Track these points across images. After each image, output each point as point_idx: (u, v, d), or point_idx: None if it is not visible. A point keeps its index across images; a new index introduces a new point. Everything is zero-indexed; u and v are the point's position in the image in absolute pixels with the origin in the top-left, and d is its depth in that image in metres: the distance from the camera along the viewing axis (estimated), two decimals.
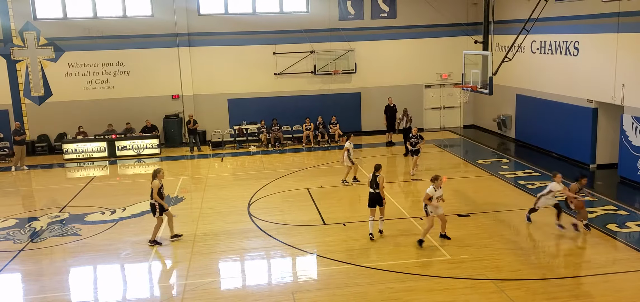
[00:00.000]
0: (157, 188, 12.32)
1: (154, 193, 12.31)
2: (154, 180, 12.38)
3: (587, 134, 18.17)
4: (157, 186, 12.34)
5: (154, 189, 12.30)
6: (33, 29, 23.02)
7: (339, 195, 16.26)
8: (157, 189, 12.33)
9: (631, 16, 15.93)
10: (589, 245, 11.89)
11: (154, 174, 12.51)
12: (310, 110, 24.22)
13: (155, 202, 12.40)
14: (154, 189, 12.31)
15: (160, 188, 12.40)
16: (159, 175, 12.51)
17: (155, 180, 12.37)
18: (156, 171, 12.59)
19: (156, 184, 12.32)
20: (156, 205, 12.43)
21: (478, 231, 12.84)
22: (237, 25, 24.00)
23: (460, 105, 26.15)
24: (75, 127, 23.13)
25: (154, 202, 12.40)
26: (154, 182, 12.34)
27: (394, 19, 24.79)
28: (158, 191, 12.35)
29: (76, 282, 11.22)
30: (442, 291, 9.97)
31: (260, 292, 10.33)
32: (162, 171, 12.77)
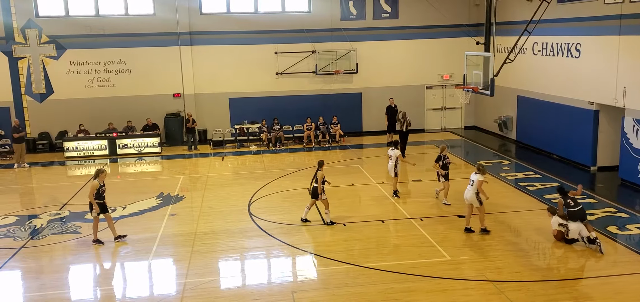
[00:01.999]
0: (95, 188, 12.37)
1: (90, 193, 12.36)
2: (94, 180, 12.46)
3: (588, 136, 18.15)
4: (96, 186, 12.40)
5: (92, 189, 12.36)
6: (35, 26, 23.04)
7: (339, 195, 16.24)
8: (95, 189, 12.38)
9: (633, 18, 15.91)
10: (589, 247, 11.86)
11: (96, 174, 12.57)
12: (312, 110, 24.22)
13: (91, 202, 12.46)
14: (91, 188, 12.37)
15: (99, 188, 12.44)
16: (102, 175, 12.59)
17: (95, 180, 12.46)
18: (98, 170, 12.65)
19: (95, 185, 12.39)
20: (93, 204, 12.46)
21: (478, 232, 12.83)
22: (239, 25, 24.01)
23: (462, 106, 26.14)
24: (76, 125, 23.15)
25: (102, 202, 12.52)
26: (93, 182, 12.42)
27: (396, 19, 24.79)
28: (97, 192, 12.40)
29: (76, 280, 11.22)
30: (442, 292, 9.97)
31: (260, 292, 10.34)
32: (105, 171, 12.85)
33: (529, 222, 13.31)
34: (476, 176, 12.41)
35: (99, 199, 12.48)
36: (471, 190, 12.44)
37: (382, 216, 14.09)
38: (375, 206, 15.06)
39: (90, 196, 12.45)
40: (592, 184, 16.87)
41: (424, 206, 15.02)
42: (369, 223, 13.65)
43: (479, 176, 12.37)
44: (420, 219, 13.75)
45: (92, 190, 12.41)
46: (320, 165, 13.44)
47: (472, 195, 12.44)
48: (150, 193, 16.72)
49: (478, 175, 12.41)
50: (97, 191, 12.43)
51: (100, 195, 12.50)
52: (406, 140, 20.93)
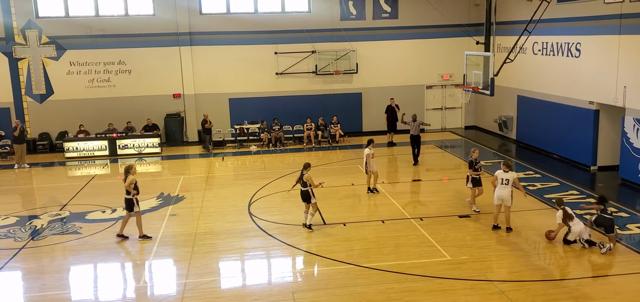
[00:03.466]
0: (132, 183, 12.59)
1: (130, 187, 12.56)
2: (129, 176, 12.66)
3: (589, 136, 18.15)
4: (133, 181, 12.62)
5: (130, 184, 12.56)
6: (35, 27, 23.04)
7: (339, 195, 16.25)
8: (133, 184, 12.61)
9: (633, 18, 15.91)
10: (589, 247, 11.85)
11: (126, 170, 12.78)
12: (312, 110, 24.22)
13: (132, 197, 12.63)
14: (129, 183, 12.58)
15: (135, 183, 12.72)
16: (132, 171, 12.81)
17: (129, 176, 12.67)
18: (128, 167, 12.88)
19: (131, 179, 12.60)
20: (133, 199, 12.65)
21: (478, 232, 12.84)
22: (239, 25, 24.01)
23: (462, 106, 26.14)
24: (77, 125, 23.15)
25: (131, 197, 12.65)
26: (129, 178, 12.62)
27: (396, 19, 24.79)
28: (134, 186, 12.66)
29: (76, 281, 11.23)
30: (442, 292, 9.97)
31: (260, 292, 10.34)
32: (134, 166, 13.11)
33: (529, 222, 13.31)
34: (510, 174, 12.45)
35: (128, 194, 12.68)
36: (508, 188, 12.43)
37: (382, 216, 14.09)
38: (375, 206, 15.06)
39: (131, 191, 12.59)
40: (592, 184, 16.87)
41: (424, 206, 15.01)
42: (369, 223, 13.66)
43: (513, 173, 12.51)
44: (421, 219, 13.76)
45: (130, 185, 12.57)
46: (305, 167, 13.13)
47: (509, 193, 12.44)
48: (151, 193, 16.72)
49: (512, 172, 12.50)
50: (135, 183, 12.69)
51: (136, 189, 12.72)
52: (416, 144, 19.55)
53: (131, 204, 12.73)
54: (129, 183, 12.59)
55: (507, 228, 12.80)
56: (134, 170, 12.94)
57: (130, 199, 12.70)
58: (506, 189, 12.49)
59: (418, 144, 19.59)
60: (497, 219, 12.88)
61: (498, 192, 12.60)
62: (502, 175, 12.54)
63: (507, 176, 12.49)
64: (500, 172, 12.61)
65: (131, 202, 12.72)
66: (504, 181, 12.51)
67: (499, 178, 12.57)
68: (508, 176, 12.48)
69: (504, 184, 12.51)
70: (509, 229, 12.78)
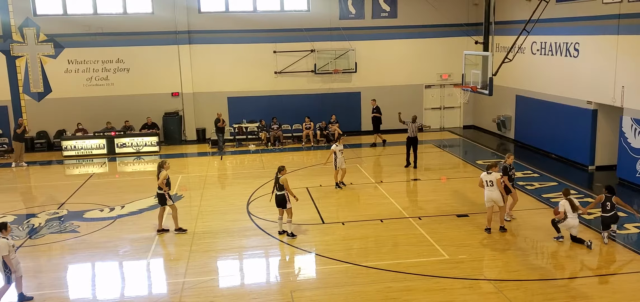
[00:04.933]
0: (165, 178, 12.81)
1: (162, 182, 12.78)
2: (162, 171, 12.86)
3: (587, 136, 18.17)
4: (165, 176, 12.82)
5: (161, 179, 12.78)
6: (33, 25, 23.00)
7: (338, 194, 16.26)
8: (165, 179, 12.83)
9: (631, 18, 15.93)
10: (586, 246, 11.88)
11: (160, 166, 13.00)
12: (310, 109, 24.22)
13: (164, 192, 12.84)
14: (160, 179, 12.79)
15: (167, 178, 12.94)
16: (165, 166, 13.00)
17: (163, 171, 12.85)
18: (162, 162, 13.09)
19: (164, 175, 12.79)
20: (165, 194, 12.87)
21: (476, 231, 12.85)
22: (238, 24, 23.99)
23: (460, 106, 26.16)
24: (75, 124, 23.10)
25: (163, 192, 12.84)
26: (162, 174, 12.81)
27: (395, 18, 24.79)
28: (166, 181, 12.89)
29: (74, 279, 11.20)
30: (441, 291, 9.98)
31: (259, 291, 10.33)
32: (168, 162, 13.27)
33: (527, 221, 13.32)
34: (493, 175, 12.39)
35: (160, 190, 12.85)
36: (495, 189, 12.37)
37: (381, 215, 14.09)
38: (373, 205, 15.06)
39: (163, 186, 12.77)
40: (590, 183, 16.90)
41: (423, 205, 15.02)
42: (367, 222, 13.65)
43: (496, 174, 12.42)
44: (419, 218, 13.76)
45: (163, 180, 12.75)
46: (280, 170, 12.57)
47: (498, 194, 12.39)
48: (149, 192, 16.69)
49: (495, 173, 12.42)
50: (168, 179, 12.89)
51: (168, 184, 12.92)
52: (413, 146, 18.82)
53: (163, 198, 12.96)
54: (162, 179, 12.79)
55: (500, 227, 12.72)
56: (167, 166, 13.12)
57: (162, 194, 12.90)
58: (494, 190, 12.41)
59: (415, 147, 18.81)
60: (490, 222, 12.79)
61: (487, 194, 12.53)
62: (486, 177, 12.48)
63: (490, 177, 12.43)
64: (484, 174, 12.56)
65: (163, 197, 12.95)
66: (488, 183, 12.44)
67: (484, 180, 12.51)
68: (491, 177, 12.41)
69: (489, 186, 12.44)
70: (502, 228, 12.70)
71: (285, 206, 12.53)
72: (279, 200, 12.57)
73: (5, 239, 9.60)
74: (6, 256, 9.53)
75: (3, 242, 9.55)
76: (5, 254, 9.52)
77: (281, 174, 12.56)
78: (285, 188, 12.48)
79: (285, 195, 12.50)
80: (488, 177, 12.46)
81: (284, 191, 12.48)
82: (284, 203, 12.51)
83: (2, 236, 9.61)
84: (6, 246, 9.55)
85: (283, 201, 12.51)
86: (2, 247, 9.52)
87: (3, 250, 9.51)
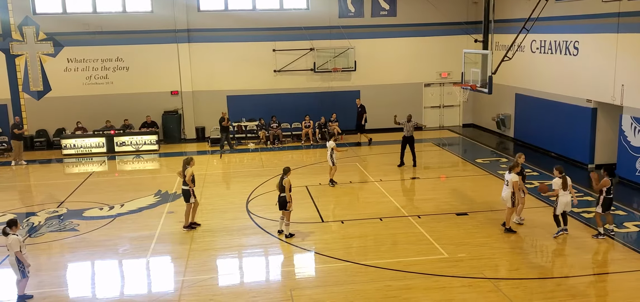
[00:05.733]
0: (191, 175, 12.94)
1: (189, 179, 12.87)
2: (188, 167, 12.96)
3: (586, 134, 18.18)
4: (191, 173, 12.96)
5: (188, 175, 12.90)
6: (32, 23, 22.98)
7: (337, 193, 16.26)
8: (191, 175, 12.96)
9: (631, 16, 15.93)
10: (586, 245, 11.90)
11: (186, 162, 13.07)
12: (310, 107, 24.21)
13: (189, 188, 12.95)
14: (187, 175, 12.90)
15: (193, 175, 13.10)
16: (191, 163, 13.08)
17: (188, 168, 12.96)
18: (188, 159, 13.17)
19: (190, 172, 12.93)
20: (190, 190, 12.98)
21: (476, 229, 12.86)
22: (237, 22, 23.98)
23: (460, 104, 26.17)
24: (74, 122, 23.08)
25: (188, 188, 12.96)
26: (188, 170, 12.93)
27: (394, 17, 24.78)
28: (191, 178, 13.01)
29: (74, 278, 11.21)
30: (440, 289, 9.98)
31: (258, 289, 10.34)
32: (193, 159, 13.32)
33: (527, 220, 13.31)
34: (510, 175, 12.36)
35: (185, 186, 12.99)
36: (508, 189, 12.36)
37: (380, 214, 14.10)
38: (373, 204, 15.07)
39: (190, 182, 12.89)
40: (589, 182, 16.88)
41: (422, 203, 15.03)
42: (367, 221, 13.66)
43: (514, 176, 12.33)
44: (418, 217, 13.77)
45: (190, 176, 12.87)
46: (285, 172, 12.43)
47: (508, 194, 12.35)
48: (148, 191, 16.71)
49: (513, 174, 12.35)
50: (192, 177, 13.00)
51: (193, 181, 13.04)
52: (407, 145, 18.77)
53: (188, 195, 13.04)
54: (189, 176, 12.90)
55: (504, 225, 12.74)
56: (193, 162, 13.20)
57: (187, 189, 12.99)
58: (506, 190, 12.45)
59: (412, 145, 18.75)
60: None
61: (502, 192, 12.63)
62: (506, 176, 12.55)
63: (508, 176, 12.47)
64: (506, 172, 12.60)
65: (188, 193, 13.03)
66: (505, 182, 12.52)
67: (505, 178, 12.58)
68: (508, 177, 12.44)
69: (505, 185, 12.51)
70: (508, 229, 12.65)
71: (286, 207, 12.45)
72: (281, 201, 12.44)
73: (15, 235, 9.69)
74: (18, 252, 9.62)
75: (14, 239, 9.63)
76: (17, 250, 9.61)
77: (287, 175, 12.36)
78: (286, 190, 12.31)
79: (287, 197, 12.36)
80: (507, 176, 12.46)
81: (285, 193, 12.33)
82: (286, 205, 12.42)
83: (12, 232, 9.68)
84: (17, 243, 9.64)
85: (284, 203, 12.42)
86: (14, 244, 9.61)
87: (14, 246, 9.61)
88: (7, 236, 9.65)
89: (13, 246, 9.58)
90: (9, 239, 9.60)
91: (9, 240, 9.60)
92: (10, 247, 9.60)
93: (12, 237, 9.61)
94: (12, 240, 9.59)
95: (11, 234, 9.64)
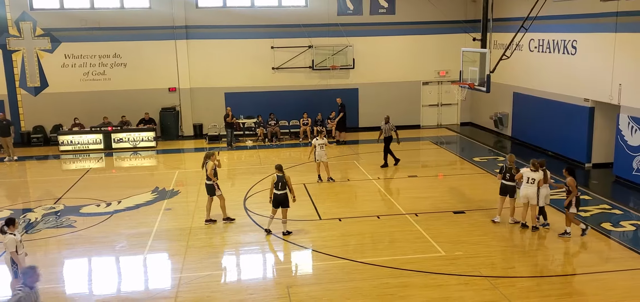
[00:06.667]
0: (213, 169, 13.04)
1: (211, 172, 13.00)
2: (208, 161, 13.09)
3: (583, 133, 18.21)
4: (213, 167, 13.05)
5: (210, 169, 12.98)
6: (29, 19, 22.91)
7: (335, 191, 16.27)
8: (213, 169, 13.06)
9: (629, 16, 15.95)
10: (582, 244, 11.93)
11: (207, 156, 13.23)
12: (308, 105, 24.19)
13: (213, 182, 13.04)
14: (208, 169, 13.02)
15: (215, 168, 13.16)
16: (212, 157, 13.19)
17: (209, 161, 13.08)
18: (209, 153, 13.32)
19: (211, 166, 13.01)
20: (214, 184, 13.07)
21: (473, 228, 12.88)
22: (235, 19, 23.93)
23: (458, 103, 26.18)
24: (71, 118, 23.03)
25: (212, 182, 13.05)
26: (209, 164, 13.04)
27: (393, 15, 24.76)
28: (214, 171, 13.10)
29: (71, 274, 11.20)
30: (436, 287, 10.00)
31: (255, 286, 10.34)
32: (215, 153, 13.49)
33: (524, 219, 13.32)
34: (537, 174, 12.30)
35: (208, 180, 13.06)
36: (533, 187, 12.27)
37: (378, 212, 14.11)
38: (370, 202, 15.08)
39: (212, 176, 12.98)
40: (586, 181, 16.94)
41: (419, 201, 15.04)
42: (364, 218, 13.67)
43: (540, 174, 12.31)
44: (416, 215, 13.78)
45: (211, 170, 12.95)
46: (280, 169, 12.29)
47: (534, 191, 12.28)
48: (146, 187, 16.70)
49: (539, 173, 12.32)
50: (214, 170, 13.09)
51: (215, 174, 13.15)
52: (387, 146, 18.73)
53: (212, 188, 13.14)
54: (210, 170, 12.98)
55: (533, 227, 12.61)
56: (215, 157, 13.27)
57: (211, 184, 13.08)
58: (532, 188, 12.29)
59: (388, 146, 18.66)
60: (524, 217, 12.74)
61: (524, 190, 12.43)
62: (529, 174, 12.38)
63: (533, 175, 12.31)
64: (527, 170, 12.47)
65: (212, 187, 13.14)
66: (530, 180, 12.33)
67: (525, 176, 12.43)
68: (535, 175, 12.30)
69: (530, 183, 12.33)
70: (534, 227, 12.58)
71: (287, 205, 12.33)
72: (281, 199, 12.27)
73: (12, 235, 9.47)
74: (13, 252, 9.41)
75: (10, 239, 9.41)
76: (12, 250, 9.39)
77: (281, 173, 12.23)
78: (289, 186, 12.22)
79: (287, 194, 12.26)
80: (532, 174, 12.32)
81: (286, 190, 12.22)
82: (287, 202, 12.31)
83: (9, 232, 9.47)
84: (13, 242, 9.41)
85: (285, 200, 12.30)
86: (10, 244, 9.39)
87: (10, 246, 9.38)
88: (4, 235, 9.47)
89: (9, 245, 9.40)
90: (6, 238, 9.43)
91: (5, 239, 9.43)
92: (6, 247, 9.45)
93: (9, 237, 9.41)
94: (8, 239, 9.40)
95: (8, 234, 9.45)
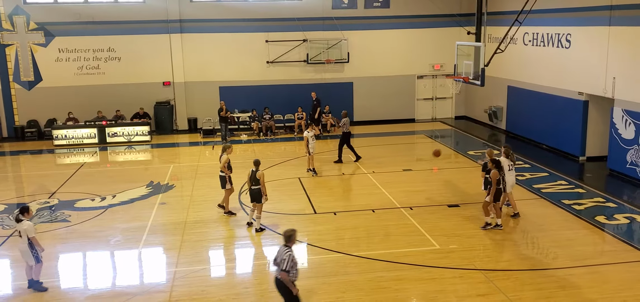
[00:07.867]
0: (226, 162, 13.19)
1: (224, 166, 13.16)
2: (224, 154, 13.24)
3: (578, 127, 18.28)
4: (227, 160, 13.19)
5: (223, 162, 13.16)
6: (23, 13, 22.75)
7: (330, 184, 16.28)
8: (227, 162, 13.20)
9: (623, 9, 15.99)
10: (577, 237, 12.00)
11: (223, 149, 13.43)
12: (303, 99, 24.16)
13: (225, 175, 13.21)
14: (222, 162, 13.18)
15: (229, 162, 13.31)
16: (228, 150, 13.38)
17: (224, 155, 13.23)
18: (225, 146, 13.56)
19: (225, 159, 13.16)
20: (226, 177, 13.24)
21: (467, 221, 12.92)
22: (230, 13, 23.85)
23: (452, 96, 26.21)
24: (65, 113, 22.94)
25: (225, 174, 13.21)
26: (223, 157, 13.19)
27: (388, 8, 24.74)
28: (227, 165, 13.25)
29: (65, 269, 11.16)
30: (431, 280, 10.04)
31: (250, 280, 10.35)
32: (231, 147, 13.71)
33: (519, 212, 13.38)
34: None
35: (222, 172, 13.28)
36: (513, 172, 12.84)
37: (373, 206, 14.13)
38: (365, 196, 15.10)
39: (225, 170, 13.11)
40: (580, 174, 17.01)
41: (414, 195, 15.07)
42: (359, 212, 13.69)
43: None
44: (410, 208, 13.81)
45: (224, 163, 13.14)
46: (257, 164, 12.31)
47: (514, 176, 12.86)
48: (140, 182, 16.65)
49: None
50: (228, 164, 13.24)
51: (229, 168, 13.31)
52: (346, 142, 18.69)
53: (225, 181, 13.29)
54: (223, 162, 13.09)
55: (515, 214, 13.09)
56: (230, 150, 13.40)
57: (224, 176, 13.24)
58: (513, 173, 12.82)
59: (348, 141, 18.67)
60: (515, 207, 13.05)
61: (509, 179, 12.71)
62: (506, 161, 12.70)
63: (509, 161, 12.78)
64: (503, 159, 12.68)
65: (224, 180, 13.29)
66: (510, 167, 12.73)
67: (505, 165, 12.59)
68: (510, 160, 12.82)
69: (510, 169, 12.73)
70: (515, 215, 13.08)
71: (260, 200, 12.33)
72: (254, 194, 12.31)
73: (29, 221, 9.80)
74: (34, 238, 9.72)
75: (29, 225, 9.75)
76: (32, 236, 9.71)
77: (258, 168, 12.29)
78: (261, 183, 12.23)
79: (261, 190, 12.26)
80: (508, 160, 12.76)
81: (260, 185, 12.23)
82: (260, 198, 12.31)
83: (25, 218, 9.78)
84: (32, 228, 9.79)
85: (258, 196, 12.30)
86: (30, 229, 9.73)
87: (30, 232, 9.71)
88: (20, 223, 9.74)
89: (29, 231, 9.70)
90: (24, 225, 9.71)
91: (23, 226, 9.70)
92: (26, 233, 9.69)
93: (27, 223, 9.74)
94: (27, 225, 9.71)
95: (25, 220, 9.74)
